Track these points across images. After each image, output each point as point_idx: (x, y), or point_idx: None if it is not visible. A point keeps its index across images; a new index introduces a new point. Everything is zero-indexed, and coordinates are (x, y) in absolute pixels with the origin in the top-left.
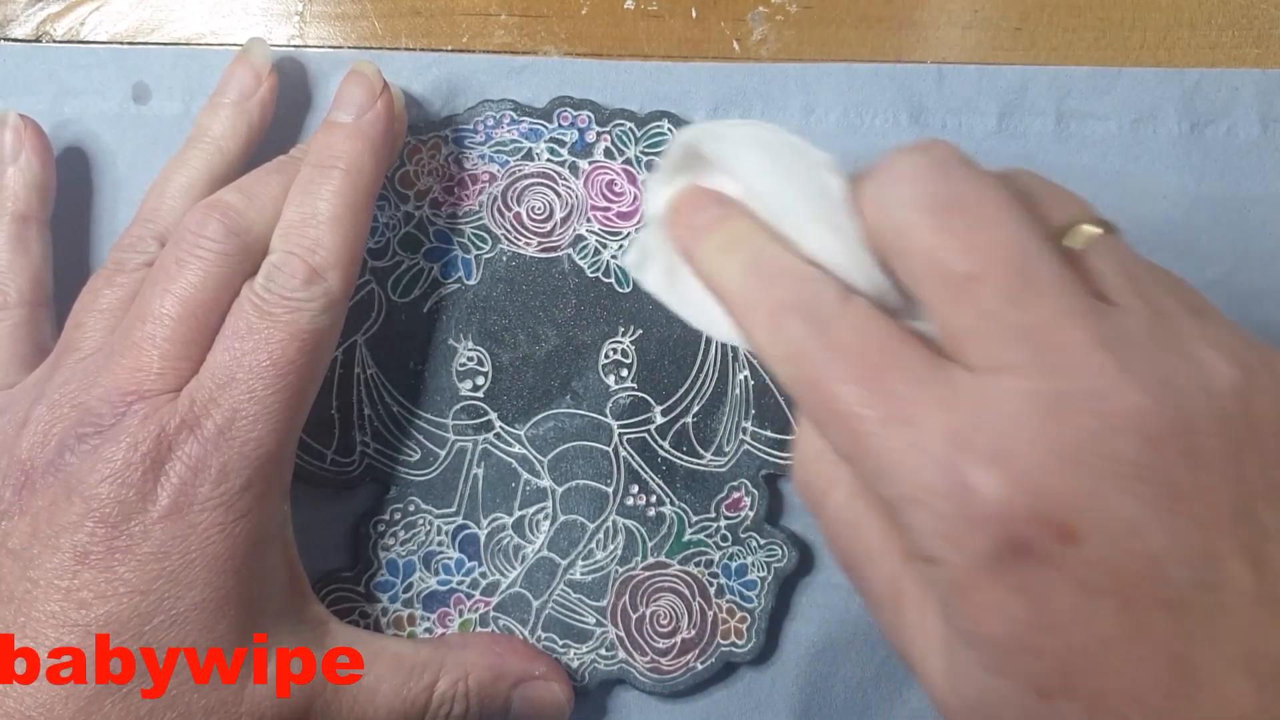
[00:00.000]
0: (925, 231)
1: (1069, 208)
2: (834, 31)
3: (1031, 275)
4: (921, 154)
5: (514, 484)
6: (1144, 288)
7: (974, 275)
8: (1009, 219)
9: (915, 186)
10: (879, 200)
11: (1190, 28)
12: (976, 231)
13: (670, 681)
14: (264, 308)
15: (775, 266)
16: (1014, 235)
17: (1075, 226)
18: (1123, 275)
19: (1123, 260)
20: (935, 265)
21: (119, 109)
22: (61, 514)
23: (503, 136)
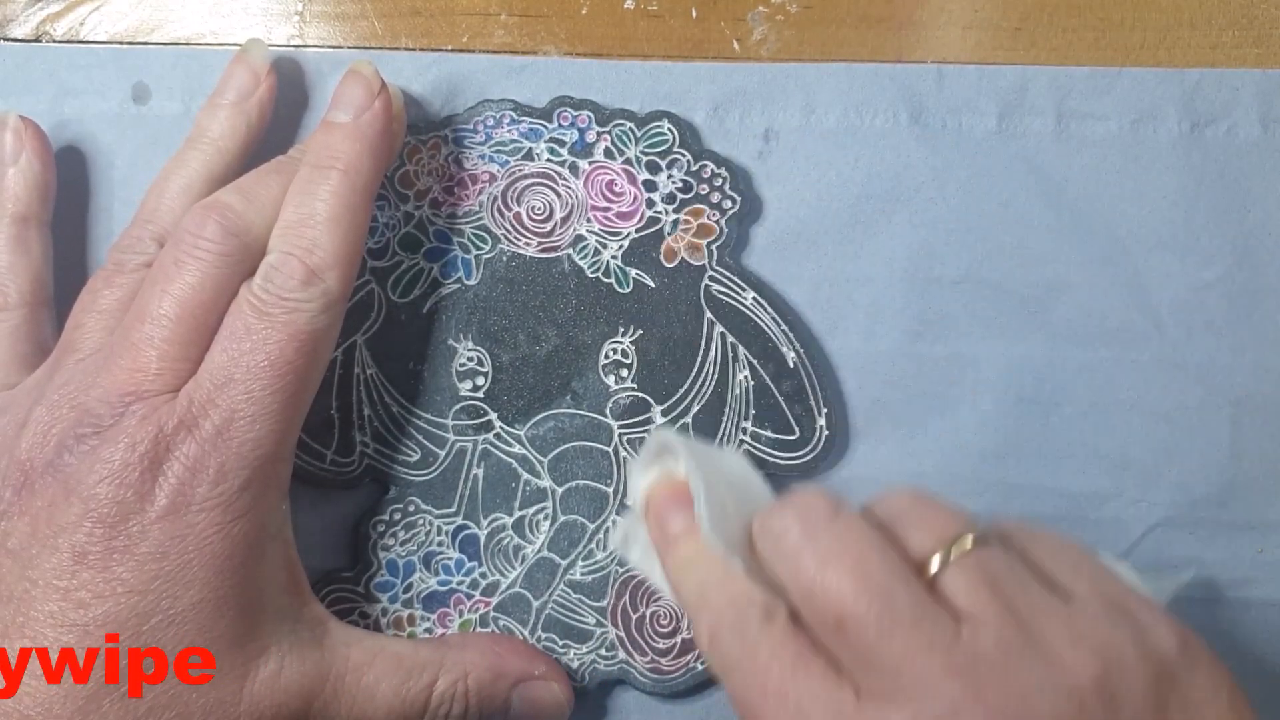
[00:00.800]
0: (799, 584)
1: (939, 528)
2: (834, 31)
3: (887, 615)
4: (789, 512)
5: (514, 484)
6: (1009, 594)
7: (840, 621)
8: (868, 564)
9: (784, 543)
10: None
11: (1190, 28)
12: (837, 582)
13: (670, 682)
14: (262, 308)
15: (720, 586)
16: (870, 579)
17: (942, 547)
18: (985, 586)
19: (989, 569)
20: (811, 610)
21: (119, 109)
22: (60, 514)
23: (503, 136)
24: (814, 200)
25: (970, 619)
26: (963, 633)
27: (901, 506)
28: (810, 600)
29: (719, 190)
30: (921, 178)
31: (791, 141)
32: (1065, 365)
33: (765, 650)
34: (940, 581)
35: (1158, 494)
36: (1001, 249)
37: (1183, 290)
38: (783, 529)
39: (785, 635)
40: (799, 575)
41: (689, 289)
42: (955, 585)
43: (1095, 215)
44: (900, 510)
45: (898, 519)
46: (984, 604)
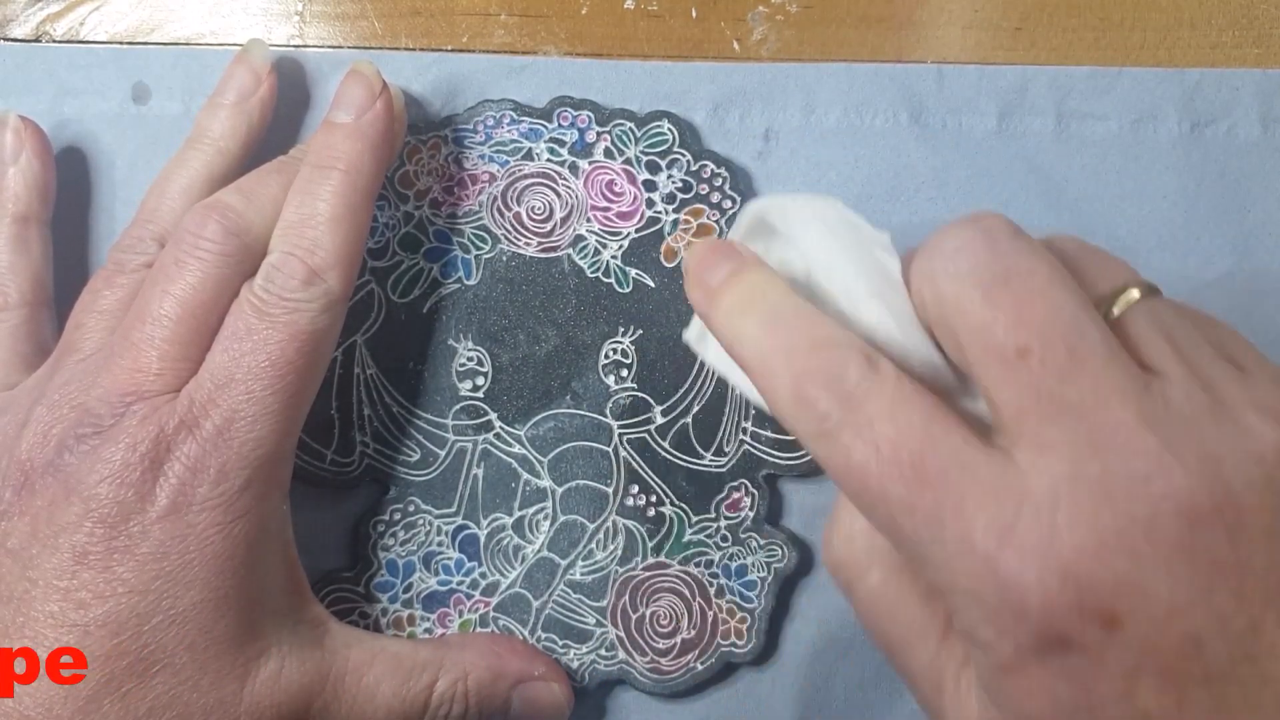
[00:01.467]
0: (974, 306)
1: (1112, 274)
2: (834, 31)
3: (1079, 350)
4: (970, 227)
5: (514, 484)
6: (1187, 352)
7: (1023, 350)
8: (1057, 291)
9: (962, 260)
10: (929, 275)
11: (1190, 27)
12: (1025, 305)
13: (670, 682)
14: (263, 308)
15: (795, 328)
16: (1062, 308)
17: (1118, 294)
18: (1166, 341)
19: (1165, 324)
20: (985, 340)
21: (119, 109)
22: (60, 514)
23: (503, 136)
24: None
25: (1157, 372)
26: (1152, 384)
27: (1075, 249)
28: (989, 324)
29: (719, 190)
30: (921, 178)
31: (791, 141)
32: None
33: (878, 404)
34: (1122, 328)
35: None
36: None
37: (1183, 290)
38: (960, 244)
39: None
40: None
41: None
42: (1142, 334)
43: (1095, 215)
44: (1075, 251)
45: (1074, 259)
46: (1169, 359)
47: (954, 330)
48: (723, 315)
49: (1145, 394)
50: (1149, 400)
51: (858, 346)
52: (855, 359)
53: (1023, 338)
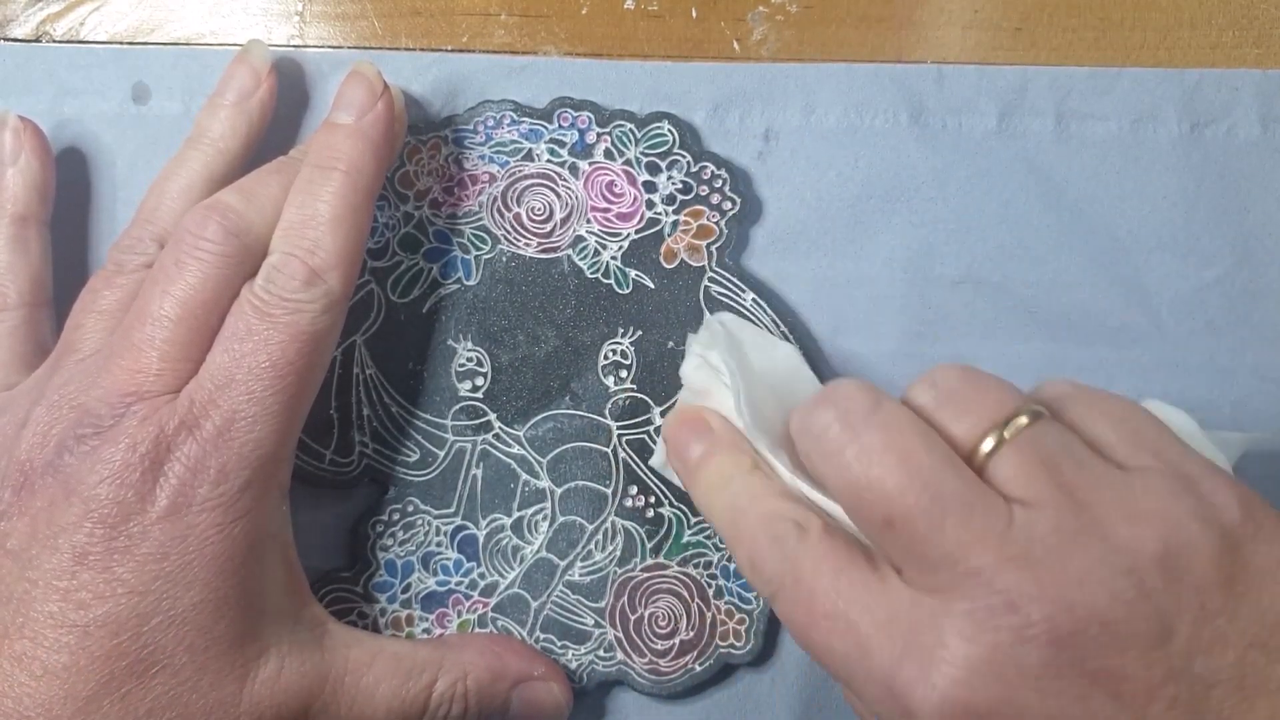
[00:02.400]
0: (840, 486)
1: (993, 407)
2: (834, 31)
3: (935, 511)
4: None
5: (513, 485)
6: (1066, 475)
7: (887, 521)
8: (913, 457)
9: (825, 443)
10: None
11: (1190, 28)
12: (880, 481)
13: (669, 683)
14: (264, 309)
15: (750, 510)
16: (917, 473)
17: (998, 426)
18: (1036, 467)
19: (1044, 449)
20: (856, 514)
21: (119, 109)
22: (60, 515)
23: (503, 137)
24: (814, 200)
25: (1024, 503)
26: (1016, 518)
27: (949, 387)
28: (857, 500)
29: (719, 191)
30: (921, 178)
31: (791, 142)
32: (1065, 365)
33: (806, 568)
34: (991, 466)
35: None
36: (1001, 249)
37: (1183, 290)
38: (822, 427)
39: (821, 548)
40: (843, 474)
41: (688, 290)
42: (1007, 469)
43: (1095, 215)
44: (948, 391)
45: (945, 402)
46: (1038, 486)
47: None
48: (699, 492)
49: (1006, 533)
50: (1010, 539)
51: (792, 517)
52: (790, 530)
53: (883, 511)
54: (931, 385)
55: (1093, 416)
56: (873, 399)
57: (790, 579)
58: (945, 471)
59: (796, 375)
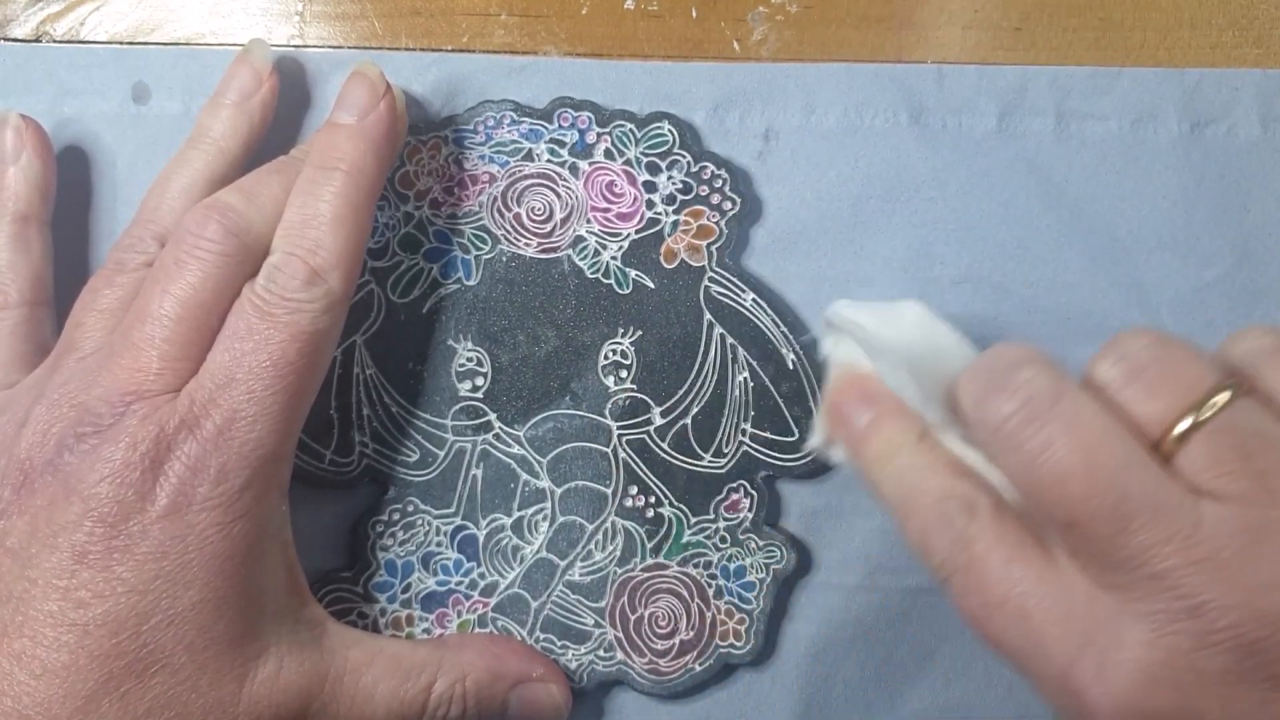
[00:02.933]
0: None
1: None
2: (834, 31)
3: (1120, 512)
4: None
5: (513, 485)
6: (1257, 460)
7: (1070, 523)
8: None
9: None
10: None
11: (1190, 28)
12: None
13: (669, 683)
14: (264, 308)
15: (919, 486)
16: (1107, 473)
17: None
18: (1230, 455)
19: (1240, 432)
20: (1039, 508)
21: (119, 109)
22: (60, 513)
23: (503, 137)
24: (814, 200)
25: (1215, 496)
26: (1205, 517)
27: (1139, 360)
28: (1039, 498)
29: (719, 192)
30: (921, 178)
31: (791, 141)
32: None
33: (977, 552)
34: (1181, 453)
35: None
36: (1001, 249)
37: (1183, 290)
38: (1002, 417)
39: (993, 530)
40: (1024, 471)
41: (689, 290)
42: (1198, 458)
43: (1095, 215)
44: (1137, 366)
45: (1134, 377)
46: (1230, 477)
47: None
48: (866, 464)
49: (1194, 534)
50: (1197, 540)
51: (962, 494)
52: (960, 511)
53: (1066, 512)
54: (1120, 358)
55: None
56: (1055, 386)
57: (961, 564)
58: (1132, 469)
59: (934, 333)
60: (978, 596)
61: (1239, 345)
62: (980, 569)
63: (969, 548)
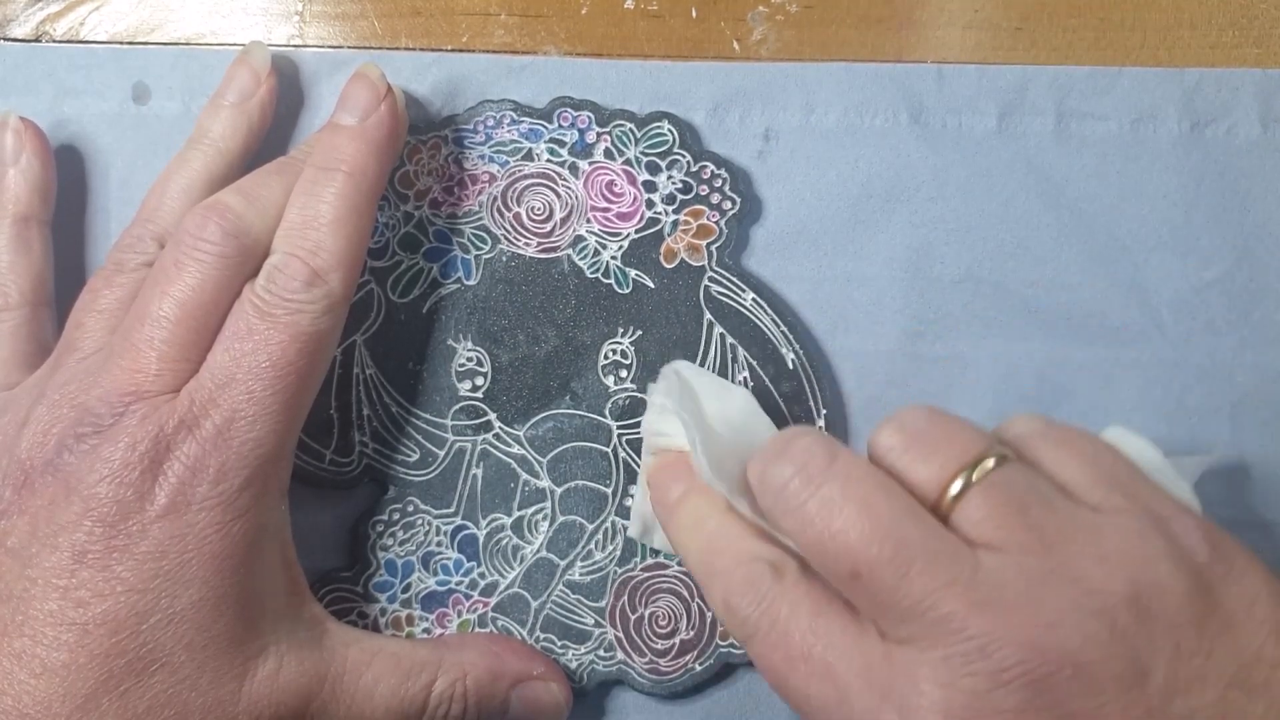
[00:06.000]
0: (804, 539)
1: (951, 454)
2: (834, 31)
3: (899, 560)
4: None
5: (513, 484)
6: (1029, 514)
7: (853, 573)
8: (874, 507)
9: (786, 498)
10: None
11: (1190, 27)
12: (843, 533)
13: (669, 682)
14: (265, 309)
15: (725, 550)
16: (878, 524)
17: (967, 469)
18: (1003, 510)
19: (1012, 491)
20: (822, 565)
21: (119, 109)
22: (60, 513)
23: (503, 137)
24: (814, 200)
25: (991, 547)
26: (983, 563)
27: (916, 429)
28: (821, 554)
29: (719, 191)
30: (921, 177)
31: (791, 141)
32: (1065, 365)
33: (782, 611)
34: (959, 510)
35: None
36: (1001, 249)
37: (1183, 290)
38: (782, 481)
39: (799, 589)
40: (805, 529)
41: (688, 290)
42: (975, 512)
43: (1095, 215)
44: (914, 434)
45: (912, 444)
46: (1005, 529)
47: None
48: (675, 531)
49: (974, 579)
50: (977, 584)
51: (768, 558)
52: (766, 571)
53: (848, 563)
54: (899, 428)
55: (1061, 456)
56: (829, 450)
57: (766, 621)
58: (907, 520)
59: (753, 421)
60: (782, 651)
61: (1010, 429)
62: (785, 626)
63: (774, 606)
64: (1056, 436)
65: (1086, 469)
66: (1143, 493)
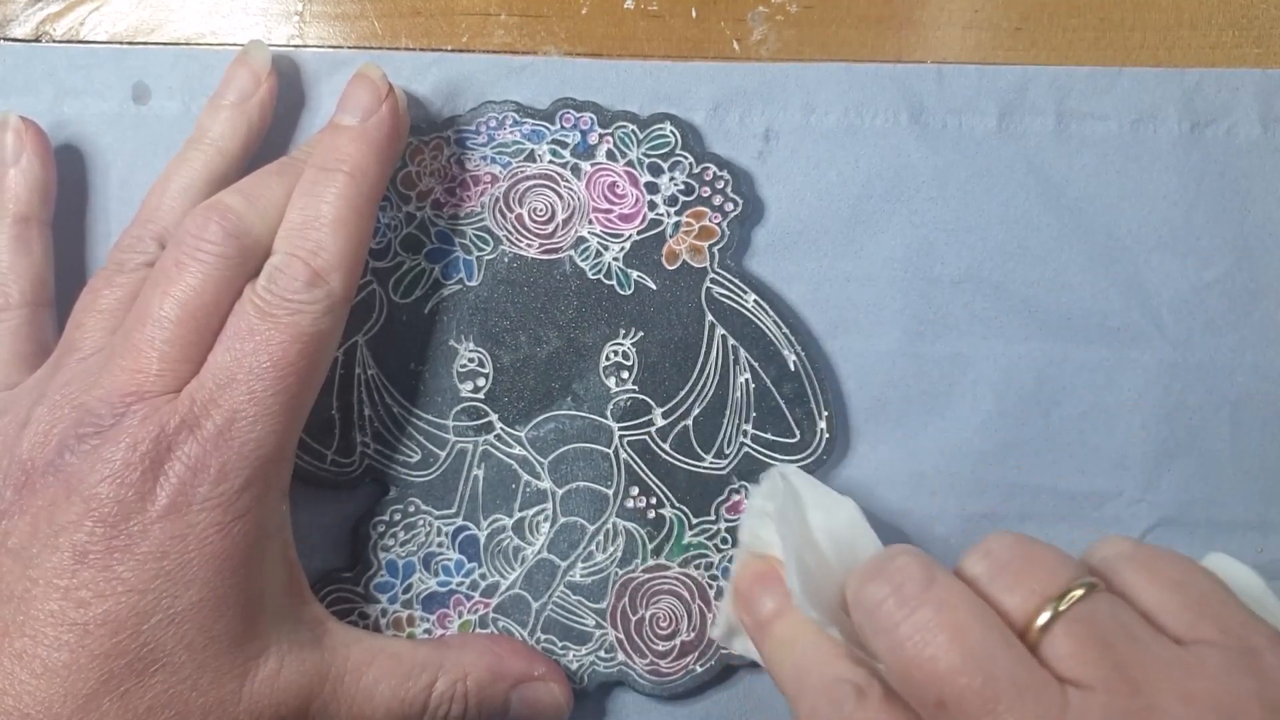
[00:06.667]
0: (893, 662)
1: (1039, 583)
2: (834, 31)
3: (987, 693)
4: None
5: (514, 485)
6: (1115, 650)
7: (939, 702)
8: (965, 634)
9: (879, 618)
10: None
11: (1190, 27)
12: (932, 660)
13: (669, 684)
14: (265, 309)
15: (815, 669)
16: (968, 653)
17: (1052, 599)
18: (1090, 645)
19: (1099, 623)
20: (909, 691)
21: (118, 109)
22: (61, 513)
23: (505, 138)
24: (814, 200)
25: (1078, 684)
26: (1070, 702)
27: (1003, 557)
28: (909, 679)
29: (721, 193)
30: (922, 177)
31: (791, 141)
32: (1065, 365)
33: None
34: (1045, 642)
35: (1158, 494)
36: (1002, 249)
37: (1183, 290)
38: (876, 601)
39: (880, 713)
40: (896, 651)
41: (690, 291)
42: (1061, 647)
43: (1095, 215)
44: (1001, 562)
45: (999, 573)
46: (1091, 666)
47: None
48: (768, 648)
49: (1061, 716)
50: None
51: (853, 680)
52: (850, 692)
53: (935, 691)
54: (985, 555)
55: (1149, 582)
56: (927, 573)
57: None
58: (998, 652)
59: (857, 535)
60: None
61: (1098, 551)
62: None
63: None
64: (1145, 559)
65: (1175, 595)
66: (1235, 622)
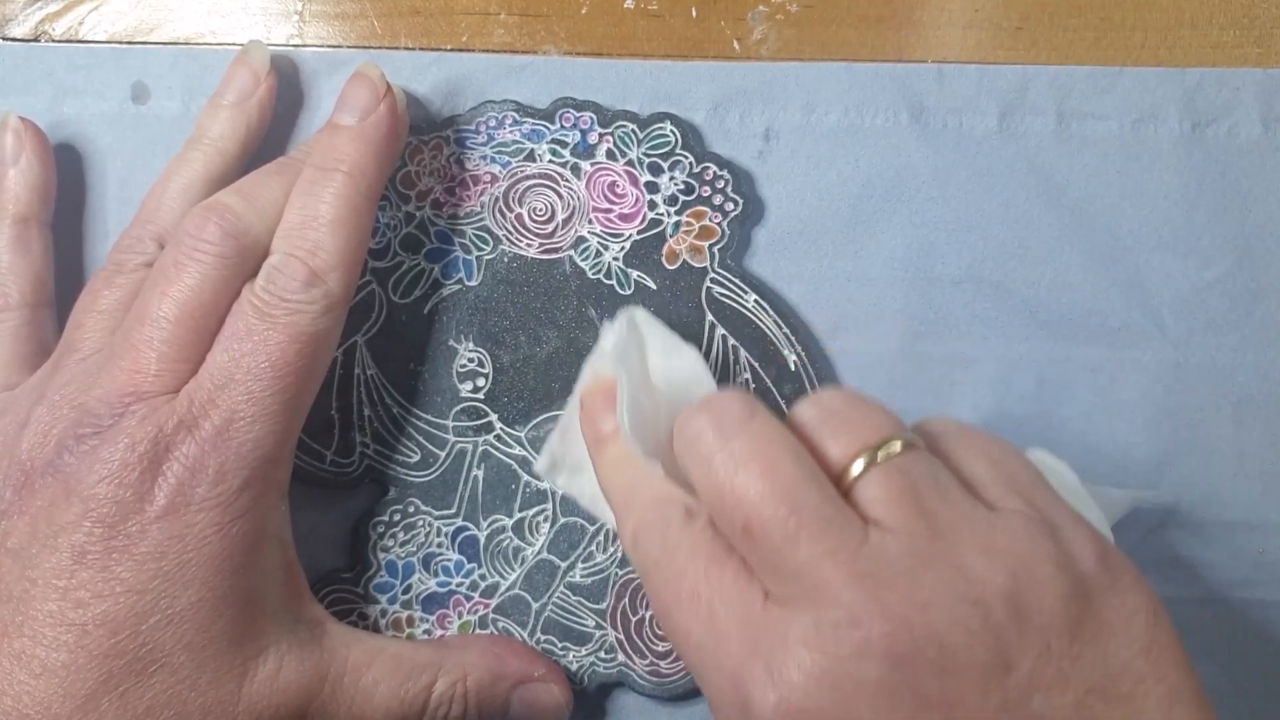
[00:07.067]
0: (705, 488)
1: (861, 433)
2: (834, 31)
3: (792, 522)
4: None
5: (514, 486)
6: (924, 501)
7: (746, 527)
8: (778, 468)
9: (698, 446)
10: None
11: (1191, 27)
12: (743, 487)
13: (670, 684)
14: (264, 309)
15: (644, 487)
16: (783, 483)
17: (871, 448)
18: (901, 493)
19: (910, 476)
20: (719, 516)
21: (118, 109)
22: (60, 514)
23: (505, 137)
24: (814, 200)
25: (881, 525)
26: (870, 538)
27: (832, 406)
28: (720, 504)
29: (721, 193)
30: (922, 177)
31: (792, 141)
32: (1066, 365)
33: (683, 551)
34: (859, 487)
35: (1158, 494)
36: (1002, 249)
37: (1184, 290)
38: (696, 432)
39: (703, 537)
40: (709, 478)
41: (690, 291)
42: (872, 491)
43: (1096, 215)
44: (830, 410)
45: (825, 420)
46: (898, 511)
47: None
48: (602, 465)
49: (859, 551)
50: (861, 556)
51: (684, 503)
52: (679, 512)
53: (742, 517)
54: (815, 403)
55: (970, 454)
56: (747, 409)
57: (666, 559)
58: (807, 485)
59: (696, 379)
60: (674, 589)
61: (926, 425)
62: (682, 566)
63: (678, 545)
64: (969, 437)
65: (992, 469)
66: (1042, 500)
